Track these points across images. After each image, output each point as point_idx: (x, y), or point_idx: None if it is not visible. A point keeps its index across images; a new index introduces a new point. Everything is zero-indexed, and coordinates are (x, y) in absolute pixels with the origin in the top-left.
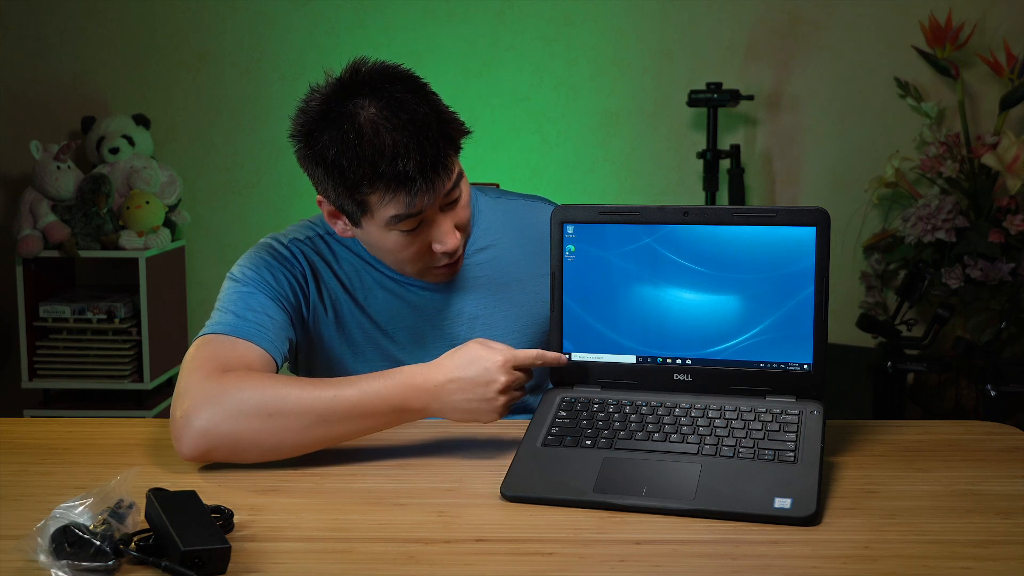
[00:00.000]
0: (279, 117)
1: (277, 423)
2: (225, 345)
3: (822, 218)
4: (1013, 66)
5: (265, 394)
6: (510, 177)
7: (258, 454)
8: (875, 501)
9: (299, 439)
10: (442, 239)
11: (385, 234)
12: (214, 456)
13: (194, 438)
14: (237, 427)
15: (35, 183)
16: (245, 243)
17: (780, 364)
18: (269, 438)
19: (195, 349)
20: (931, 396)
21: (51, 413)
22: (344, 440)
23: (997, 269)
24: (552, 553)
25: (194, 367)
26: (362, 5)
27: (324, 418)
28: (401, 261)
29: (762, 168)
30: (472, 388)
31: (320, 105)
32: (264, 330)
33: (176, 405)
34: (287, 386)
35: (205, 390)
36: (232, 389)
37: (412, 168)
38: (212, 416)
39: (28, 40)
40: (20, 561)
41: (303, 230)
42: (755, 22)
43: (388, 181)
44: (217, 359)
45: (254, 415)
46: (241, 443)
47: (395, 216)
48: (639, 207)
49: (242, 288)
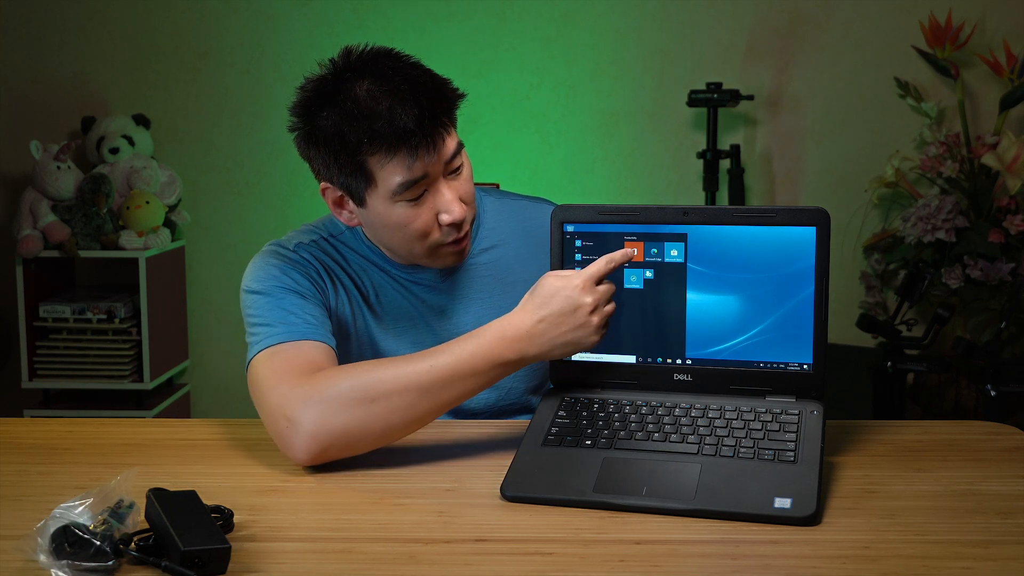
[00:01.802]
0: (279, 117)
1: (381, 407)
2: (290, 351)
3: (822, 218)
4: (1013, 66)
5: (362, 381)
6: (510, 177)
7: (372, 441)
8: (875, 501)
9: (407, 416)
10: (448, 207)
11: (391, 208)
12: (330, 454)
13: (307, 441)
14: (346, 420)
15: (35, 183)
16: (245, 243)
17: (780, 364)
18: (378, 423)
19: (262, 366)
20: (931, 396)
21: (51, 413)
22: (450, 407)
23: (997, 269)
24: (552, 553)
25: (275, 381)
26: (362, 5)
27: (426, 391)
28: (409, 239)
29: (762, 168)
30: (562, 320)
31: (316, 87)
32: (313, 326)
33: (275, 418)
34: (381, 369)
35: (301, 394)
36: (327, 386)
37: (410, 123)
38: (318, 416)
39: (28, 40)
40: (20, 561)
41: (305, 234)
42: (755, 22)
43: (387, 139)
44: (292, 365)
45: (358, 404)
46: (352, 434)
47: (400, 183)
48: (639, 207)
49: (270, 297)
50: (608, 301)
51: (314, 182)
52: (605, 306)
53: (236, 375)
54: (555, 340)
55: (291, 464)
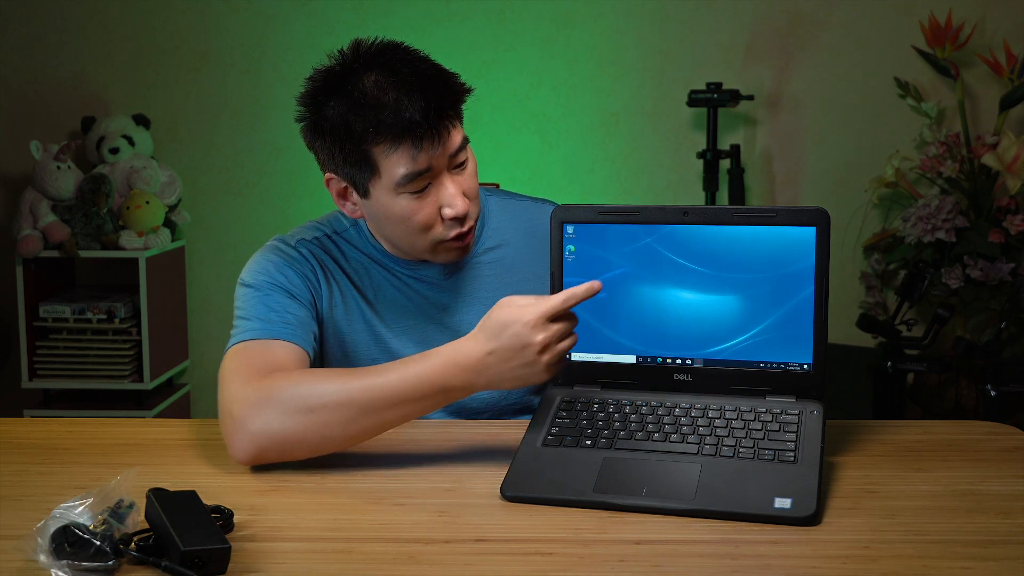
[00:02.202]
0: (279, 117)
1: (319, 418)
2: (257, 349)
3: (822, 218)
4: (1013, 66)
5: (303, 390)
6: (510, 177)
7: (306, 450)
8: (875, 501)
9: (343, 432)
10: (451, 201)
11: (394, 200)
12: (267, 457)
13: (246, 442)
14: (283, 426)
15: (35, 183)
16: (245, 243)
17: (780, 364)
18: (313, 434)
19: (229, 360)
20: (931, 396)
21: (51, 413)
22: (391, 427)
23: (997, 269)
24: (552, 553)
25: (233, 376)
26: (362, 6)
27: (366, 408)
28: (411, 233)
29: (762, 168)
30: (511, 356)
31: (324, 77)
32: (290, 327)
33: (223, 414)
34: (326, 380)
35: (249, 395)
36: (273, 390)
37: (416, 114)
38: (259, 419)
39: (28, 40)
40: (20, 561)
41: (309, 231)
42: (755, 22)
43: (392, 130)
44: (253, 364)
45: (296, 412)
46: (288, 442)
47: (404, 175)
48: (639, 207)
49: (258, 292)
50: (564, 337)
51: (314, 181)
52: (558, 343)
53: None
54: (503, 374)
55: (291, 464)
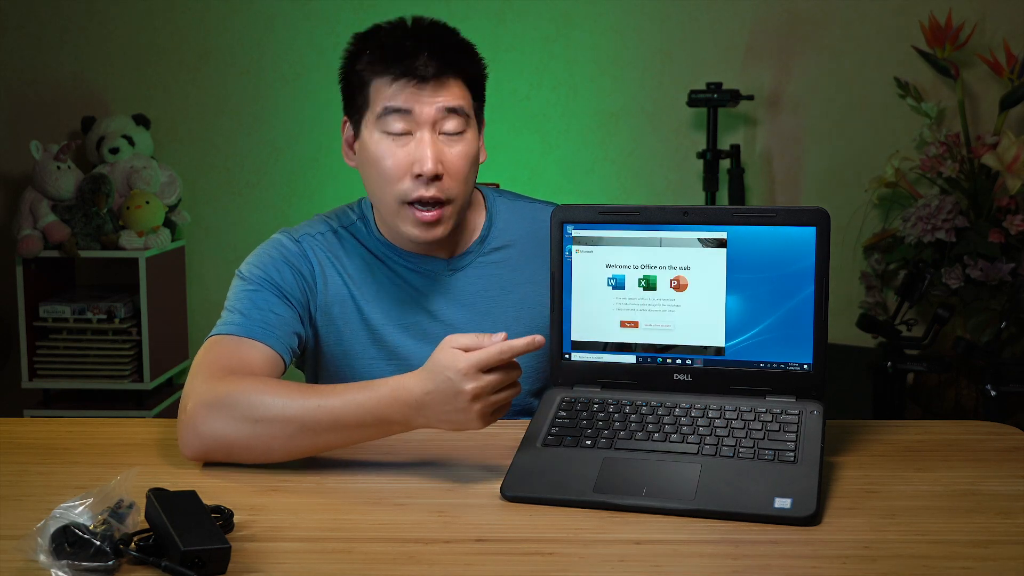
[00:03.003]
0: (279, 117)
1: (263, 430)
2: (230, 346)
3: (822, 218)
4: (1013, 66)
5: (252, 400)
6: (510, 177)
7: (251, 458)
8: (875, 501)
9: (285, 446)
10: (421, 157)
11: (374, 138)
12: (212, 457)
13: (193, 441)
14: (229, 432)
15: (35, 183)
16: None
17: (780, 364)
18: (258, 444)
19: (203, 351)
20: (931, 396)
21: (51, 413)
22: (333, 449)
23: (997, 269)
24: (552, 553)
25: (199, 370)
26: (362, 5)
27: (307, 427)
28: (382, 180)
29: (762, 168)
30: (444, 400)
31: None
32: (269, 328)
33: (181, 407)
34: (274, 393)
35: (204, 393)
36: (225, 394)
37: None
38: (208, 420)
39: (28, 40)
40: (20, 561)
41: (316, 224)
42: (755, 22)
43: (387, 59)
44: (220, 361)
45: (242, 420)
46: (234, 448)
47: (385, 108)
48: (639, 207)
49: (248, 286)
50: (500, 390)
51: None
52: (493, 395)
53: None
54: (439, 415)
55: (291, 464)
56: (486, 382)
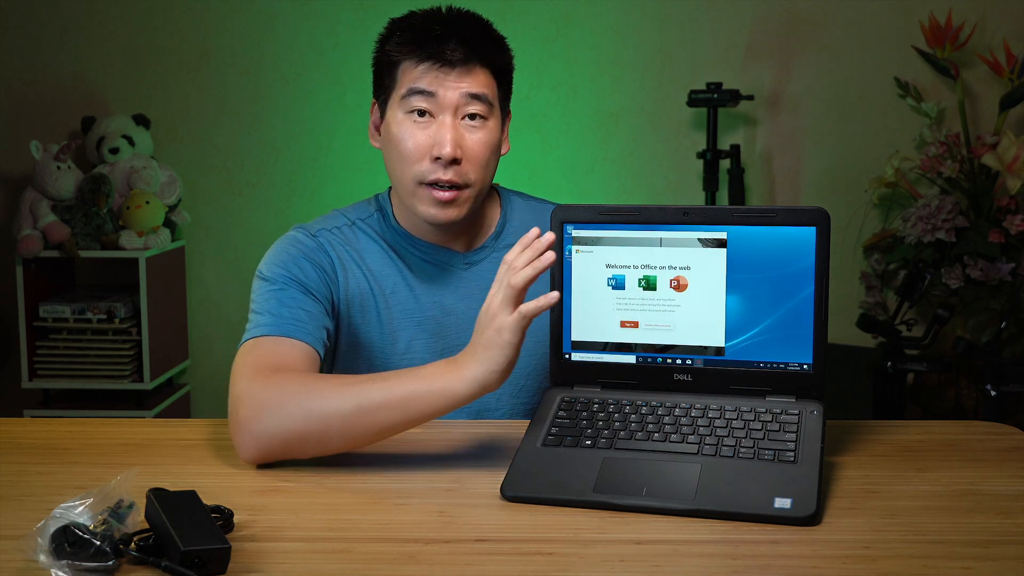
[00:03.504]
0: (279, 117)
1: (318, 419)
2: (268, 346)
3: (822, 218)
4: (1013, 66)
5: (304, 391)
6: (510, 177)
7: (308, 450)
8: (875, 501)
9: (342, 431)
10: (441, 140)
11: (399, 117)
12: (271, 456)
13: (250, 443)
14: (284, 427)
15: (35, 183)
16: (245, 243)
17: (780, 364)
18: (314, 434)
19: (241, 356)
20: (931, 396)
21: (51, 413)
22: (390, 432)
23: (997, 269)
24: (552, 553)
25: (243, 373)
26: (362, 5)
27: (362, 407)
28: (401, 160)
29: (762, 168)
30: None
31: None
32: (302, 324)
33: (232, 412)
34: (325, 382)
35: (253, 394)
36: (277, 391)
37: (445, 41)
38: (262, 420)
39: (28, 40)
40: (20, 561)
41: (332, 219)
42: (755, 22)
43: (416, 42)
44: (263, 362)
45: (297, 413)
46: (291, 442)
47: (410, 89)
48: (639, 207)
49: (273, 286)
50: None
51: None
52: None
53: None
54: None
55: (291, 464)
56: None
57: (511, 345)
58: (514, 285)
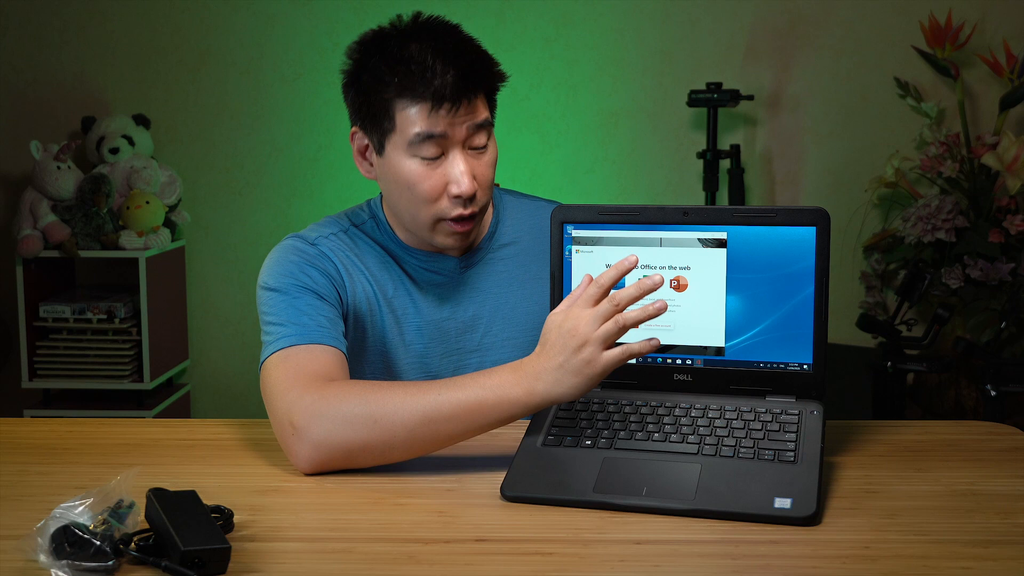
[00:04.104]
0: (279, 117)
1: (384, 428)
2: (302, 355)
3: (822, 218)
4: (1013, 66)
5: (368, 400)
6: (510, 177)
7: (371, 459)
8: (875, 501)
9: (407, 442)
10: (459, 179)
11: (405, 161)
12: (331, 466)
13: (310, 452)
14: (348, 436)
15: (35, 183)
16: (245, 243)
17: (780, 364)
18: (378, 443)
19: (275, 369)
20: (931, 396)
21: (51, 413)
22: (451, 443)
23: (997, 269)
24: (552, 553)
25: (287, 385)
26: (362, 5)
27: (429, 418)
28: (416, 202)
29: (762, 168)
30: (558, 351)
31: (374, 36)
32: (325, 329)
33: (283, 424)
34: (389, 390)
35: (310, 403)
36: (336, 400)
37: (445, 78)
38: (323, 429)
39: (28, 40)
40: (20, 561)
41: (327, 226)
42: (755, 22)
43: (418, 86)
44: (305, 371)
45: (362, 422)
46: (353, 451)
47: (418, 133)
48: (639, 207)
49: (286, 296)
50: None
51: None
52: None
53: (236, 375)
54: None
55: (291, 464)
56: (589, 313)
57: (599, 378)
58: (623, 326)
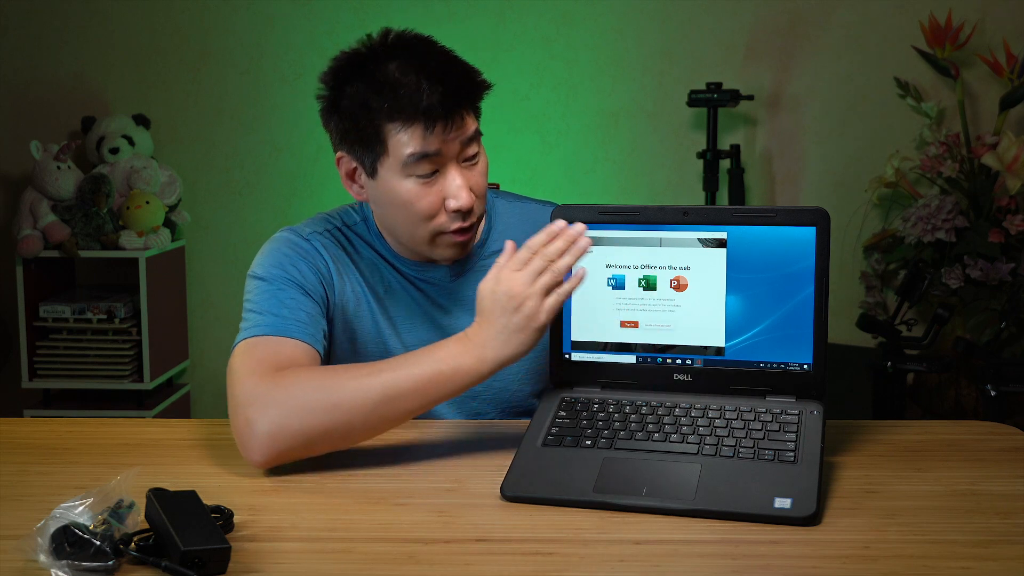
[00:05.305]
0: (279, 117)
1: (343, 412)
2: (270, 345)
3: (822, 218)
4: (1013, 66)
5: (325, 386)
6: (510, 177)
7: (330, 444)
8: (875, 501)
9: (366, 422)
10: (456, 193)
11: (400, 182)
12: (288, 456)
13: (264, 442)
14: (305, 423)
15: (35, 183)
16: (245, 243)
17: (780, 364)
18: (338, 427)
19: (240, 355)
20: (931, 396)
21: (51, 413)
22: (409, 417)
23: (997, 269)
24: (552, 553)
25: (245, 372)
26: (362, 5)
27: (388, 397)
28: (413, 220)
29: (762, 168)
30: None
31: (348, 58)
32: (302, 324)
33: (237, 414)
34: (344, 374)
35: (263, 393)
36: (291, 387)
37: (433, 97)
38: (277, 417)
39: (28, 40)
40: (20, 561)
41: (320, 223)
42: (755, 22)
43: (408, 108)
44: (266, 360)
45: (321, 409)
46: (312, 439)
47: (411, 155)
48: (639, 207)
49: (271, 286)
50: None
51: (314, 181)
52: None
53: None
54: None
55: (291, 464)
56: (523, 273)
57: (544, 329)
58: (559, 271)
